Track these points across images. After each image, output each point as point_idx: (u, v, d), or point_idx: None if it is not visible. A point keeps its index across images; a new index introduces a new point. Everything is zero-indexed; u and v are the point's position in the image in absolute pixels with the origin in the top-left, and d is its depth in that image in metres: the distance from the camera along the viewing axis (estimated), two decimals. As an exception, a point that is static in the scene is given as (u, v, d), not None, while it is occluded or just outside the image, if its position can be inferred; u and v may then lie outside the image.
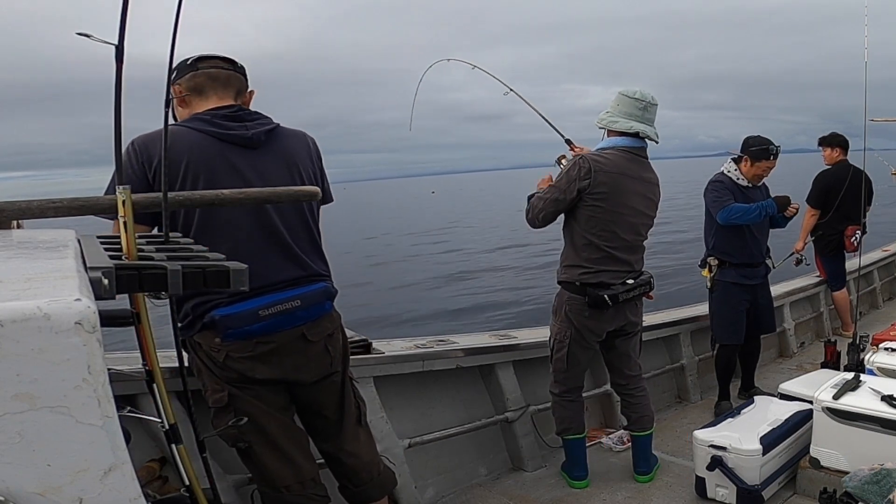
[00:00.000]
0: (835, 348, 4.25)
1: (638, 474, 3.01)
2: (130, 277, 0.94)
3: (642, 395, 3.04)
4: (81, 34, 1.06)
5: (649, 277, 2.91)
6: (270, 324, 1.81)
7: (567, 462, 3.07)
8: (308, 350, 1.91)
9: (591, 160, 2.69)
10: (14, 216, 1.23)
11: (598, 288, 2.74)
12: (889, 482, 2.21)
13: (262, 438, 1.90)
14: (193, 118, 1.86)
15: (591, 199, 2.69)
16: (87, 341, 0.66)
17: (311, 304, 1.89)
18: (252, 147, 1.87)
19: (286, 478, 1.92)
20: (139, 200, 1.25)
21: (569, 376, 2.94)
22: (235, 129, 1.85)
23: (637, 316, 2.95)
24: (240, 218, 1.84)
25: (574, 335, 2.85)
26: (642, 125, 2.75)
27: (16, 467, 0.64)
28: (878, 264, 6.43)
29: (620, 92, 2.81)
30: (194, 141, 1.81)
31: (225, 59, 1.92)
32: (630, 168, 2.75)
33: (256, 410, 1.87)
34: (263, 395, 1.89)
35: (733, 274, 3.78)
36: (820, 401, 2.66)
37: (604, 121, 2.82)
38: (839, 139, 5.14)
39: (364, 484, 2.09)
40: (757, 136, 3.73)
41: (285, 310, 1.83)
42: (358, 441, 2.10)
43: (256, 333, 1.81)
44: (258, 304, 1.79)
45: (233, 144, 1.85)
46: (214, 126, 1.83)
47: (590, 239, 2.74)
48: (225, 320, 1.77)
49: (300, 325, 1.88)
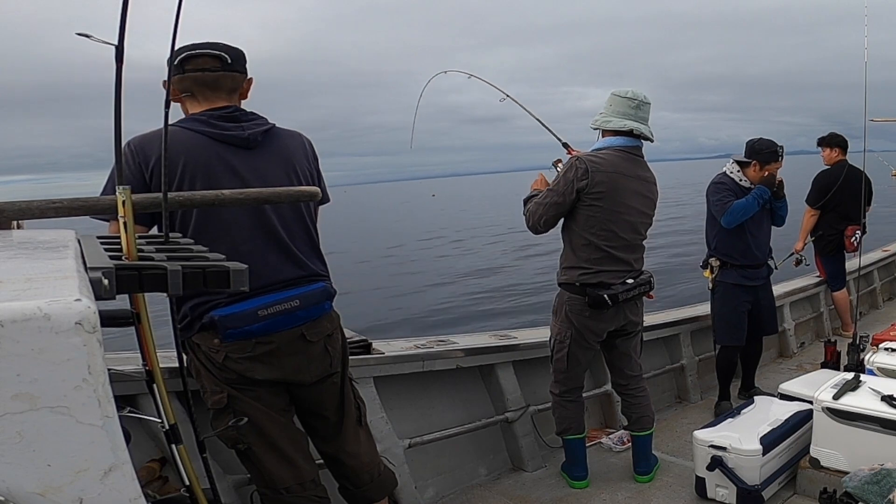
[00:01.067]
0: (835, 348, 4.25)
1: (638, 474, 3.01)
2: (130, 277, 0.94)
3: (643, 395, 3.04)
4: (81, 34, 1.06)
5: (649, 277, 2.91)
6: (269, 324, 1.81)
7: (567, 462, 3.07)
8: (308, 350, 1.91)
9: (587, 160, 2.70)
10: (14, 216, 1.23)
11: (597, 288, 2.74)
12: (889, 482, 2.21)
13: (262, 440, 1.89)
14: (190, 118, 1.86)
15: (588, 199, 2.70)
16: (87, 341, 0.66)
17: (311, 304, 1.89)
18: (249, 147, 1.87)
19: (286, 479, 1.92)
20: (139, 201, 1.25)
21: (569, 376, 2.94)
22: (231, 130, 1.85)
23: (637, 315, 2.95)
24: (238, 218, 1.84)
25: (574, 335, 2.84)
26: (636, 123, 2.75)
27: (16, 467, 0.64)
28: (878, 264, 6.43)
29: (612, 92, 2.82)
30: (191, 142, 1.80)
31: (214, 58, 1.84)
32: (626, 167, 2.75)
33: (256, 412, 1.86)
34: (263, 396, 1.89)
35: (735, 275, 3.78)
36: (820, 401, 2.66)
37: (598, 122, 2.82)
38: (838, 139, 5.14)
39: (365, 485, 2.09)
40: (761, 140, 3.71)
41: (284, 310, 1.82)
42: (358, 442, 2.09)
43: (256, 333, 1.80)
44: (257, 305, 1.79)
45: (229, 145, 1.84)
46: (210, 126, 1.83)
47: (589, 239, 2.74)
48: (224, 320, 1.77)
49: (300, 325, 1.87)
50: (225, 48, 1.86)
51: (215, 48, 1.85)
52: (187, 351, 1.89)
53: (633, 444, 3.09)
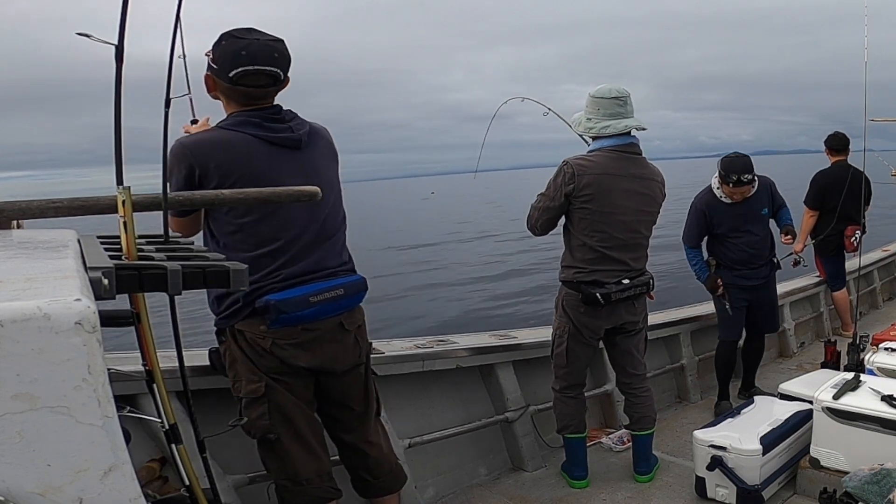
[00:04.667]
0: (835, 348, 4.25)
1: (638, 474, 3.01)
2: (130, 277, 0.94)
3: (646, 394, 3.03)
4: (81, 34, 1.06)
5: (649, 278, 2.91)
6: (318, 310, 1.90)
7: (567, 461, 3.07)
8: (344, 339, 2.01)
9: (574, 164, 2.71)
10: (14, 216, 1.23)
11: (591, 286, 2.77)
12: (889, 482, 2.21)
13: (291, 430, 1.97)
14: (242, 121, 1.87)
15: (578, 202, 2.72)
16: (87, 341, 0.66)
17: (353, 293, 2.01)
18: (300, 148, 1.94)
19: (308, 470, 2.00)
20: (139, 200, 1.25)
21: (569, 371, 2.95)
22: (283, 132, 1.91)
23: (635, 315, 2.94)
24: (297, 211, 1.91)
25: (572, 330, 2.88)
26: (631, 120, 2.75)
27: (16, 467, 0.64)
28: (878, 264, 6.43)
29: (594, 95, 2.75)
30: (249, 147, 1.85)
31: (269, 76, 1.84)
32: (616, 167, 2.74)
33: (288, 402, 1.95)
34: (295, 387, 1.97)
35: (730, 275, 3.82)
36: (820, 401, 2.66)
37: (593, 129, 2.76)
38: (844, 142, 5.11)
39: (384, 476, 2.18)
40: (732, 162, 3.60)
41: (331, 297, 1.93)
42: (378, 433, 2.20)
43: (305, 319, 1.89)
44: (309, 291, 1.89)
45: (283, 147, 1.91)
46: (263, 129, 1.87)
47: (583, 240, 2.77)
48: (280, 304, 1.83)
49: (340, 313, 1.98)
50: (281, 61, 1.85)
51: (275, 64, 1.83)
52: (225, 339, 1.95)
53: (633, 443, 3.09)
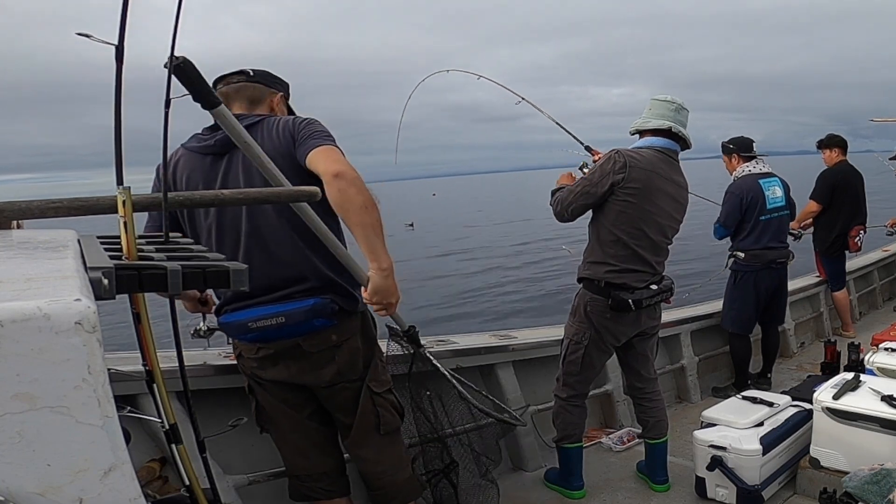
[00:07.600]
0: (835, 348, 4.26)
1: (656, 484, 2.92)
2: (130, 277, 0.94)
3: (658, 399, 2.96)
4: (81, 34, 1.06)
5: (671, 283, 2.86)
6: (260, 335, 1.84)
7: (562, 471, 2.95)
8: (311, 357, 1.88)
9: (626, 155, 2.65)
10: (14, 216, 1.22)
11: (621, 290, 2.68)
12: (889, 482, 2.21)
13: (277, 430, 2.03)
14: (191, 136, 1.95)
15: (622, 194, 2.64)
16: (87, 341, 0.66)
17: (296, 321, 1.81)
18: (220, 154, 1.87)
19: (300, 468, 2.05)
20: (139, 201, 1.25)
21: (580, 380, 2.85)
22: (206, 140, 1.89)
23: (655, 319, 2.89)
24: (227, 224, 1.87)
25: (593, 336, 2.76)
26: (675, 123, 2.74)
27: (16, 467, 0.64)
28: (878, 264, 6.43)
29: (652, 98, 2.85)
30: (182, 161, 1.92)
31: (238, 73, 1.94)
32: (663, 168, 2.71)
33: (269, 404, 1.99)
34: (273, 391, 1.98)
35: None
36: (820, 401, 2.66)
37: (636, 124, 2.82)
38: (836, 140, 5.15)
39: (373, 490, 2.16)
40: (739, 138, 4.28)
41: (272, 325, 1.81)
42: (369, 448, 2.05)
43: (253, 340, 1.88)
44: (249, 317, 1.82)
45: (206, 155, 1.90)
46: (194, 140, 1.92)
47: (618, 235, 2.67)
48: (224, 328, 1.91)
49: (293, 337, 1.84)
50: (254, 70, 1.96)
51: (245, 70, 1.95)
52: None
53: (649, 452, 2.97)
